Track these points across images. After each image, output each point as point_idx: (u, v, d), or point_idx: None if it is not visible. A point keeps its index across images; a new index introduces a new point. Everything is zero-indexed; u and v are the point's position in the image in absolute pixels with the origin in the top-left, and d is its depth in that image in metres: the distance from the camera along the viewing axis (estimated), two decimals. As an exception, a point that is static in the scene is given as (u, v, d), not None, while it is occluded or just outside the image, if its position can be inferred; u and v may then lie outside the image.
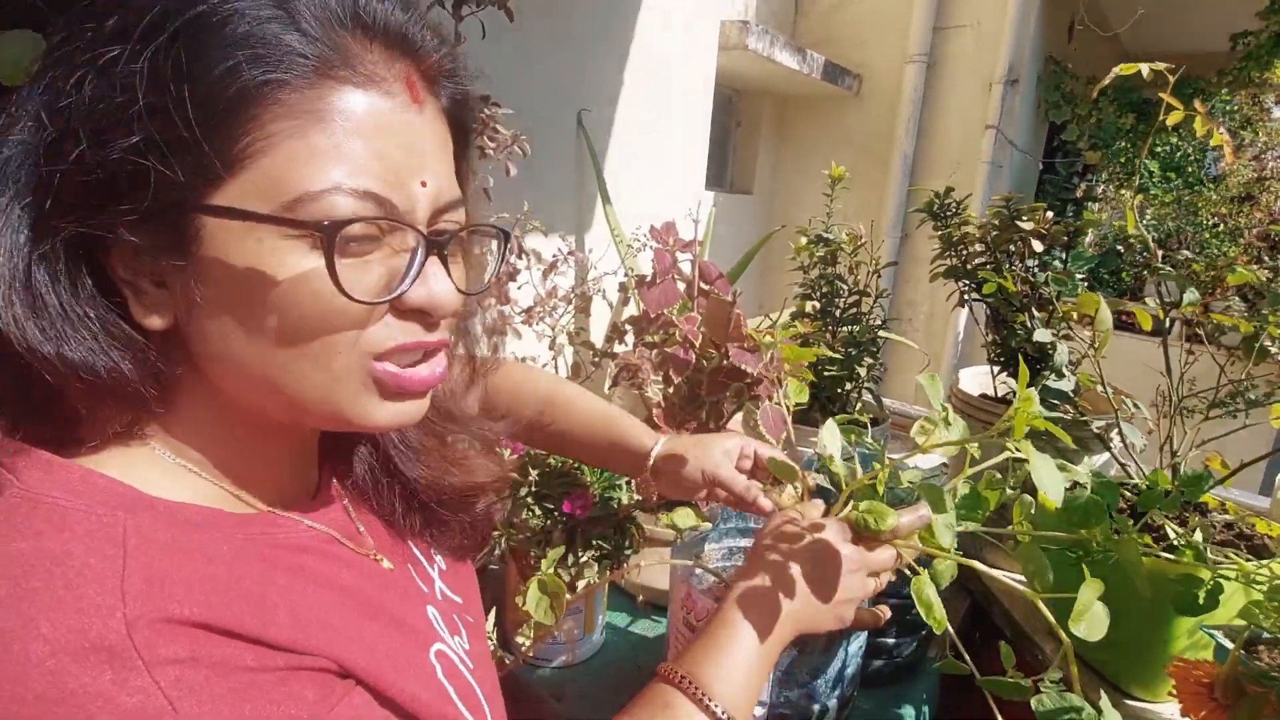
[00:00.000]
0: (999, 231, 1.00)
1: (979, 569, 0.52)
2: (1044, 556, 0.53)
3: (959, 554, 0.54)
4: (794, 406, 0.82)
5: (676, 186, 2.02)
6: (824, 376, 1.17)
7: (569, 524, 0.88)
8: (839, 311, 1.23)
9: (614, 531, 0.89)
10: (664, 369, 1.02)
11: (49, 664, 0.28)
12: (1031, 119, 3.42)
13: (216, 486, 0.39)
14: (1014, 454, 0.48)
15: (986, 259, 1.05)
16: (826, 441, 0.59)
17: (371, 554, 0.46)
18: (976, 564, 0.52)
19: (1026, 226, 0.95)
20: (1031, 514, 0.54)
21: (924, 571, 0.54)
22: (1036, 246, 0.95)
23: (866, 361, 1.15)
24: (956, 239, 1.08)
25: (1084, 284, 1.06)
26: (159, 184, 0.32)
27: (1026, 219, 0.96)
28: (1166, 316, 0.88)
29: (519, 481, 0.91)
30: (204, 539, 0.35)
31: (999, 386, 1.10)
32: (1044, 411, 0.45)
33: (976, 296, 1.07)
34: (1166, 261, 0.96)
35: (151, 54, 0.31)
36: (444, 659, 0.44)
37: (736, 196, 3.80)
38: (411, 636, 0.43)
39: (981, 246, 1.06)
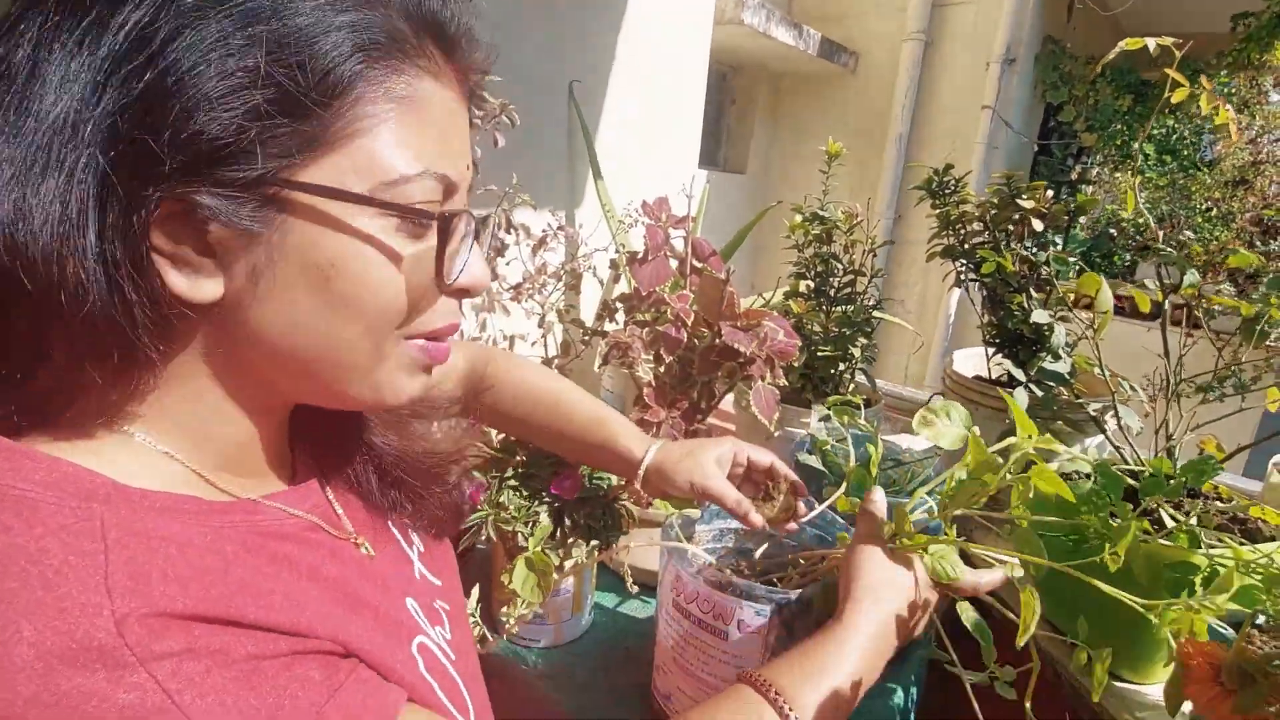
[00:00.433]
0: (998, 210, 0.98)
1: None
2: (1039, 543, 0.52)
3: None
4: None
5: (669, 163, 1.98)
6: (817, 357, 1.15)
7: (556, 505, 0.87)
8: (833, 291, 1.21)
9: (602, 513, 0.88)
10: (655, 348, 1.00)
11: (37, 666, 0.26)
12: (1028, 100, 3.39)
13: (195, 473, 0.38)
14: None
15: (985, 238, 1.03)
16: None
17: (352, 538, 0.45)
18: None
19: (1027, 205, 0.93)
20: (1029, 499, 0.53)
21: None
22: (1037, 225, 0.93)
23: (860, 342, 1.14)
24: (954, 218, 1.06)
25: (1076, 267, 1.04)
26: (265, 154, 0.31)
27: (1026, 197, 0.94)
28: (1166, 299, 0.87)
29: (505, 461, 0.90)
30: (186, 528, 0.34)
31: (993, 368, 1.09)
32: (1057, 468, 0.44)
33: (973, 277, 1.06)
34: (1167, 243, 0.94)
35: (265, 20, 0.31)
36: (426, 652, 0.43)
37: (730, 176, 3.76)
38: (394, 630, 0.42)
39: (980, 225, 1.04)
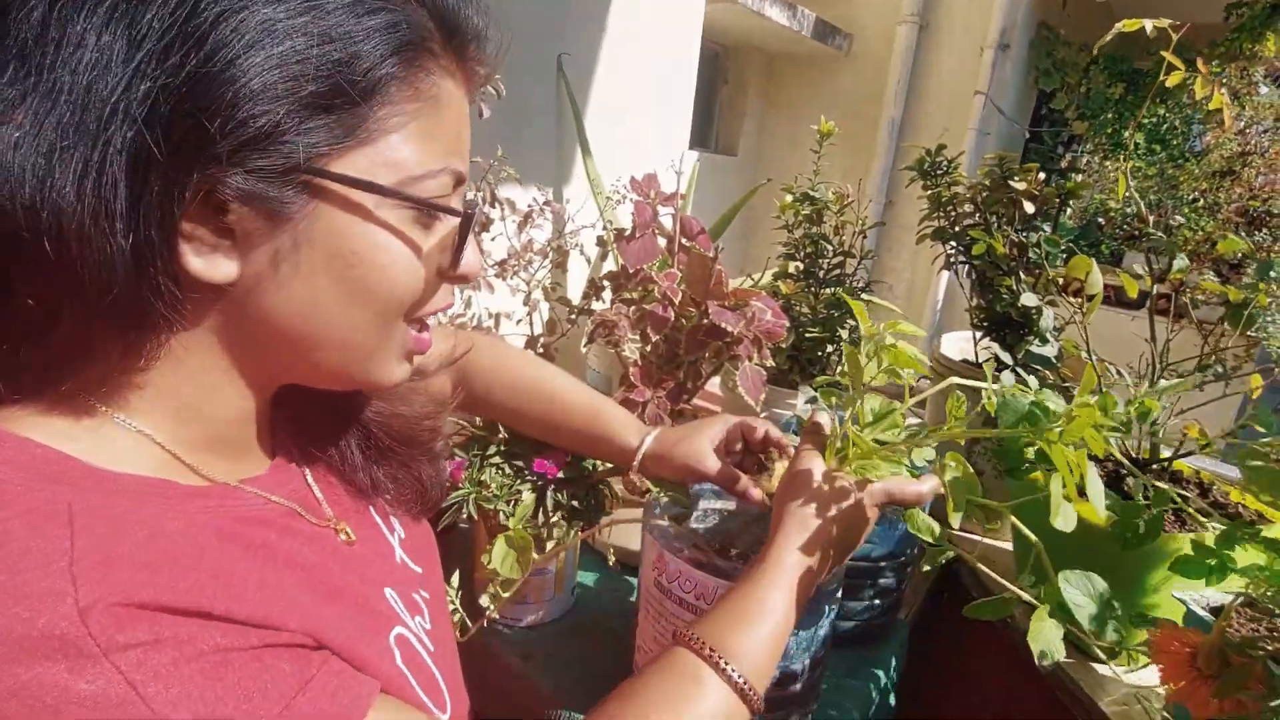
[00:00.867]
0: (990, 192, 0.98)
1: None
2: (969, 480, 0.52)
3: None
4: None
5: (659, 142, 1.96)
6: (805, 339, 1.15)
7: (539, 483, 0.86)
8: (822, 272, 1.20)
9: (586, 493, 0.87)
10: (642, 326, 0.99)
11: None
12: (1021, 86, 3.38)
13: (173, 457, 0.37)
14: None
15: (976, 220, 1.03)
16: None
17: (332, 524, 0.45)
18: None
19: (1019, 187, 0.92)
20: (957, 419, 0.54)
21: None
22: (1028, 208, 0.92)
23: (849, 324, 1.13)
24: (946, 199, 1.05)
25: (1064, 255, 1.04)
26: (307, 143, 0.32)
27: (1019, 179, 0.93)
28: (1154, 285, 0.87)
29: (487, 439, 0.88)
30: (159, 513, 0.33)
31: (980, 352, 1.09)
32: (1102, 420, 0.44)
33: (963, 259, 1.05)
34: (1157, 229, 0.94)
35: (315, 13, 0.31)
36: (403, 643, 0.43)
37: (721, 157, 3.73)
38: (371, 620, 0.42)
39: (971, 207, 1.03)
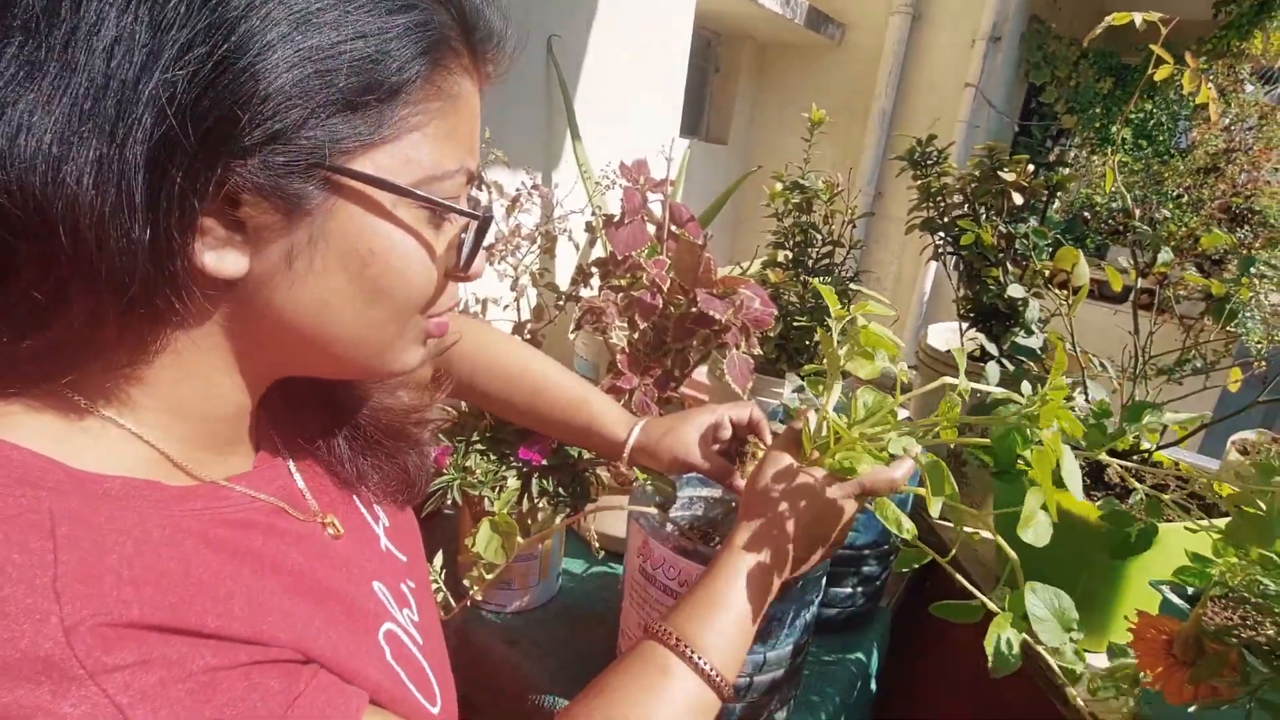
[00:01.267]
0: (979, 183, 0.98)
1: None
2: (945, 470, 0.52)
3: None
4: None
5: (650, 127, 1.94)
6: (792, 328, 1.15)
7: (525, 469, 0.85)
8: (811, 261, 1.20)
9: (571, 479, 0.87)
10: (629, 314, 0.98)
11: None
12: (1011, 79, 3.38)
13: (158, 454, 0.35)
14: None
15: (965, 211, 1.03)
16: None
17: (319, 518, 0.44)
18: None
19: (1008, 177, 0.92)
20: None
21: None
22: (1017, 199, 0.92)
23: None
24: (935, 190, 1.05)
25: (1050, 249, 1.05)
26: (332, 139, 0.31)
27: (1008, 170, 0.93)
28: (1139, 277, 0.87)
29: (472, 425, 0.88)
30: (144, 519, 0.31)
31: (967, 343, 1.09)
32: (1071, 407, 0.44)
33: (951, 250, 1.05)
34: (1142, 222, 0.95)
35: (353, 9, 0.30)
36: (393, 639, 0.43)
37: (712, 146, 3.71)
38: (361, 620, 0.41)
39: (960, 198, 1.03)
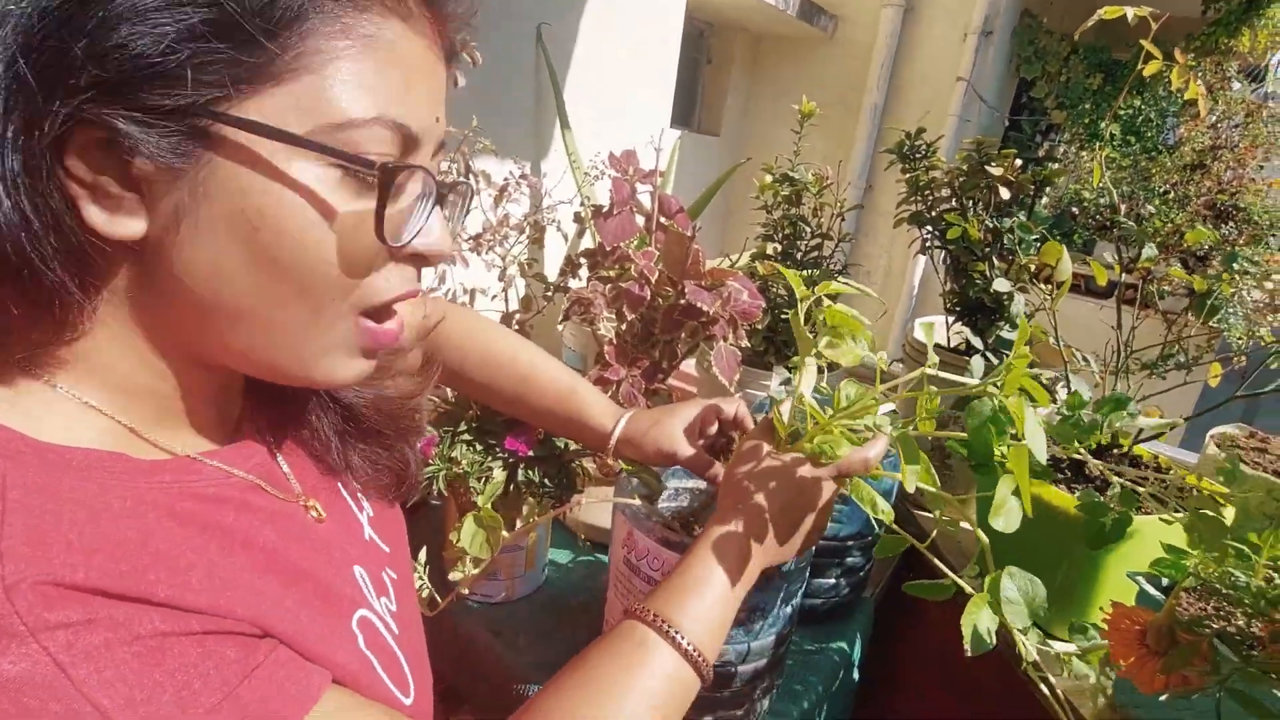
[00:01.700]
0: (967, 177, 0.98)
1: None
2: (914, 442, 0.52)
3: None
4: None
5: (641, 117, 1.93)
6: (780, 320, 1.15)
7: (511, 460, 0.85)
8: (800, 254, 1.20)
9: (558, 471, 0.86)
10: (617, 305, 0.98)
11: None
12: (1002, 73, 3.39)
13: (123, 427, 0.35)
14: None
15: (952, 205, 1.03)
16: (804, 382, 0.58)
17: (300, 500, 0.43)
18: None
19: (995, 172, 0.93)
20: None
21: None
22: (1004, 194, 0.93)
23: (825, 305, 1.13)
24: (924, 183, 1.05)
25: (1038, 244, 1.05)
26: (195, 81, 0.28)
27: (996, 164, 0.94)
28: (1123, 272, 0.88)
29: (459, 415, 0.87)
30: (105, 490, 0.31)
31: (952, 336, 1.10)
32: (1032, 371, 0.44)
33: (939, 244, 1.05)
34: (1128, 218, 0.95)
35: None
36: (367, 627, 0.42)
37: (703, 137, 3.70)
38: (334, 604, 0.40)
39: (948, 192, 1.04)
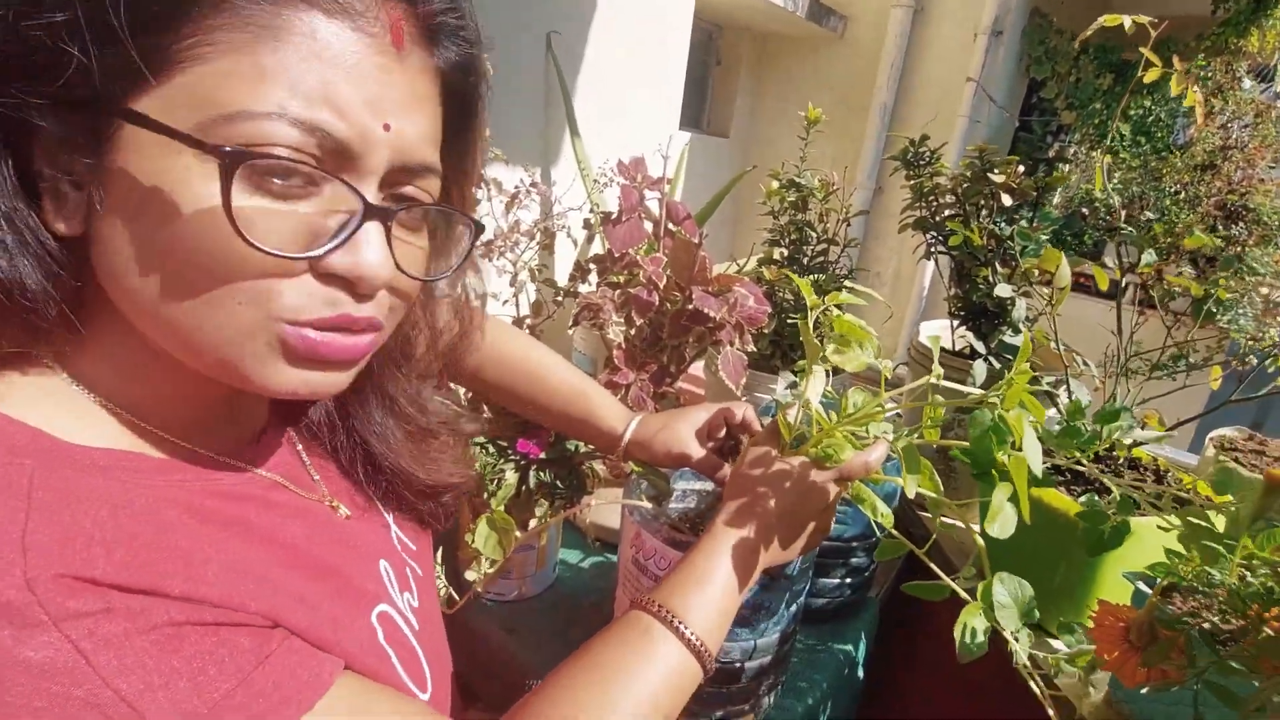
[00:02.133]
0: (970, 184, 0.99)
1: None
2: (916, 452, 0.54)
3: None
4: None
5: (650, 122, 1.95)
6: (787, 325, 1.17)
7: (523, 463, 0.87)
8: (806, 259, 1.22)
9: (568, 473, 0.89)
10: (626, 310, 1.00)
11: None
12: (1012, 74, 3.38)
13: (140, 425, 0.36)
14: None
15: (956, 211, 1.05)
16: (811, 390, 0.60)
17: (326, 500, 0.44)
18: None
19: (997, 179, 0.94)
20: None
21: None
22: (1006, 200, 0.94)
23: (831, 311, 1.15)
24: (928, 190, 1.07)
25: (1048, 244, 1.06)
26: (77, 73, 0.28)
27: (998, 172, 0.95)
28: (1123, 277, 0.89)
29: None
30: (126, 488, 0.32)
31: (957, 340, 1.11)
32: (1032, 388, 0.46)
33: (942, 249, 1.07)
34: (1130, 224, 0.96)
35: None
36: (386, 621, 0.43)
37: (712, 139, 3.71)
38: (355, 598, 0.41)
39: (952, 198, 1.05)
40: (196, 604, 0.31)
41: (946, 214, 1.07)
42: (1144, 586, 0.64)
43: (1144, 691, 0.39)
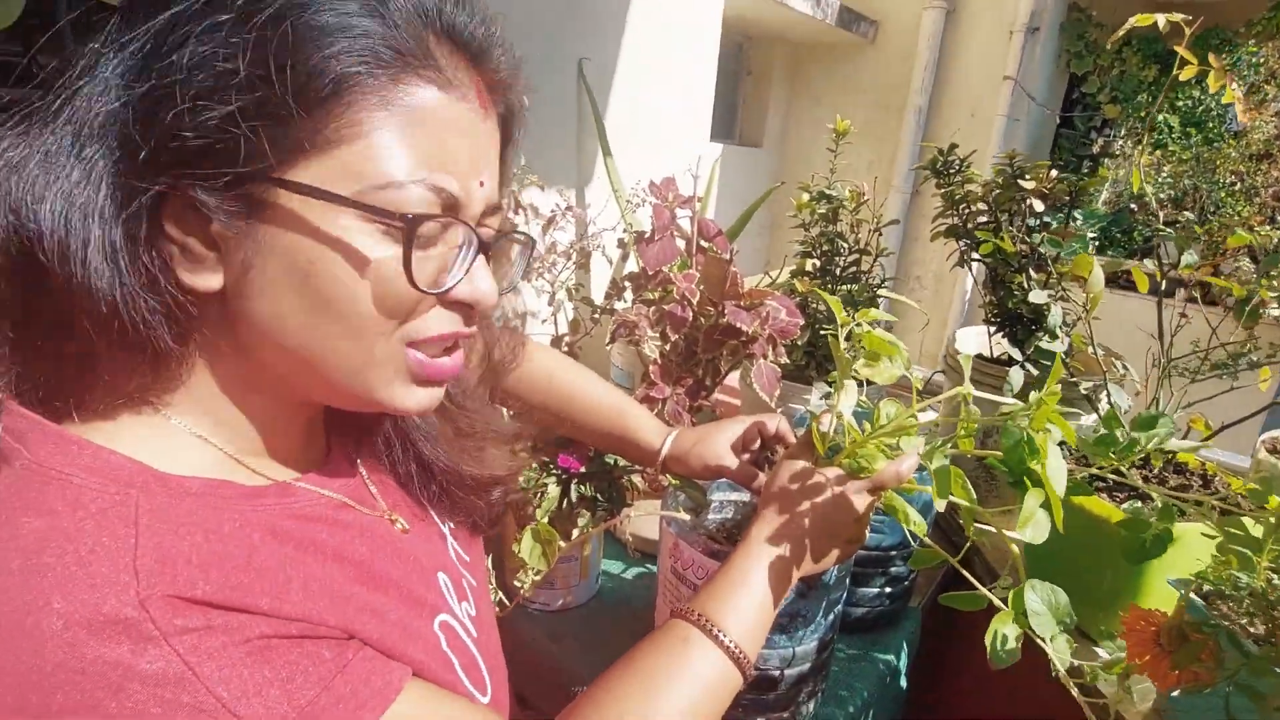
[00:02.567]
0: (1001, 190, 0.99)
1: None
2: (953, 472, 0.54)
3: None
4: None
5: (681, 139, 1.98)
6: (820, 335, 1.18)
7: (564, 477, 0.91)
8: (838, 270, 1.23)
9: (608, 485, 0.92)
10: (661, 326, 1.03)
11: (65, 636, 0.28)
12: (1051, 70, 3.30)
13: (229, 457, 0.40)
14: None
15: (988, 218, 1.04)
16: (843, 401, 0.61)
17: (386, 515, 0.47)
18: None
19: (1028, 186, 0.94)
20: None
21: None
22: (1037, 206, 0.94)
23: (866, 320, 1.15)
24: (959, 197, 1.07)
25: (1095, 242, 1.05)
26: (248, 154, 0.33)
27: (1029, 178, 0.95)
28: (1163, 278, 0.88)
29: (516, 434, 0.93)
30: (215, 515, 0.36)
31: (994, 347, 1.10)
32: (1064, 409, 0.46)
33: (976, 257, 1.07)
34: (1172, 222, 0.95)
35: (258, 28, 0.32)
36: (448, 629, 0.46)
37: (745, 149, 3.72)
38: (419, 609, 0.44)
39: (984, 205, 1.05)
40: (283, 619, 0.35)
41: (980, 221, 1.06)
42: (1191, 593, 0.64)
43: (1193, 696, 0.39)
